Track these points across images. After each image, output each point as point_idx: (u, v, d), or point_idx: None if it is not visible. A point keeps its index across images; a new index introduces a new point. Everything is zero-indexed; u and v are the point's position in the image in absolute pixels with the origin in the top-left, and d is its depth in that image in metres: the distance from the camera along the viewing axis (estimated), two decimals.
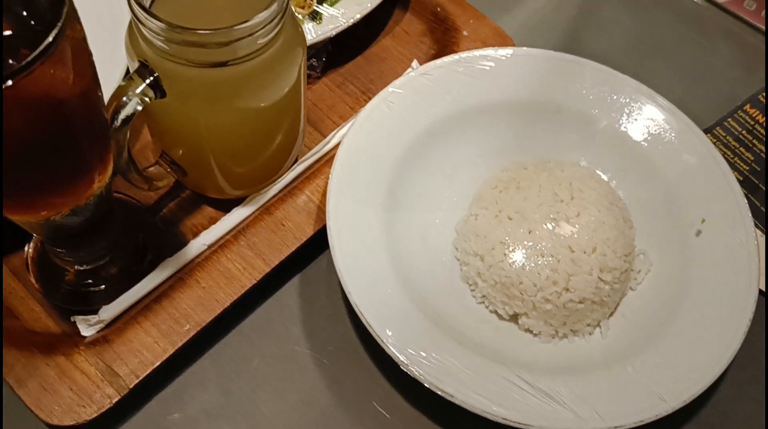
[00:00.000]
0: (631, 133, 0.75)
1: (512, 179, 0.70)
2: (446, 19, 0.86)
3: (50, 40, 0.42)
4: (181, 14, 0.60)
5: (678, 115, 0.75)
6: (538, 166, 0.71)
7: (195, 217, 0.73)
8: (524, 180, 0.69)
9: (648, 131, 0.75)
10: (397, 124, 0.73)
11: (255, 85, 0.61)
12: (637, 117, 0.75)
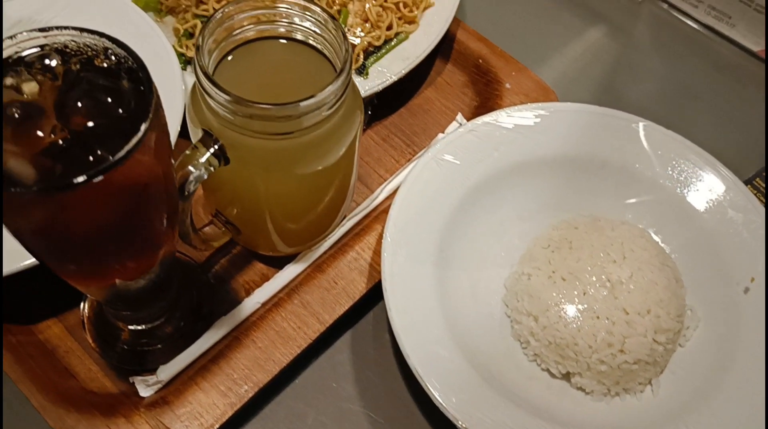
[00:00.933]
0: (675, 188, 0.75)
1: (564, 239, 0.71)
2: (488, 71, 0.87)
3: (142, 133, 0.43)
4: (242, 81, 0.62)
5: (721, 170, 0.76)
6: (589, 225, 0.72)
7: (247, 273, 0.74)
8: (576, 240, 0.70)
9: (692, 186, 0.75)
10: (446, 182, 0.74)
11: (316, 153, 0.62)
12: (680, 171, 0.76)
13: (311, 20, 0.61)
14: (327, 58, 0.63)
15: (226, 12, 0.60)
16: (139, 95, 0.46)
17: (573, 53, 0.95)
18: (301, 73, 0.63)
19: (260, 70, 0.64)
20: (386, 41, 0.82)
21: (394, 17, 0.82)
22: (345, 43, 0.57)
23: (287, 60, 0.64)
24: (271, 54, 0.64)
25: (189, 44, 0.82)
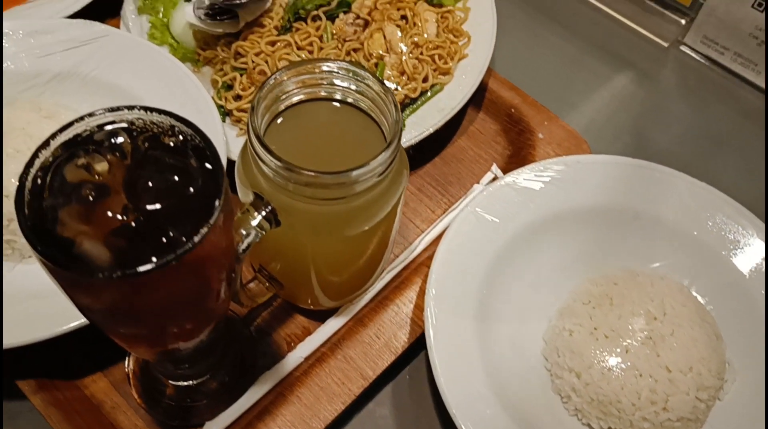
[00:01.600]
0: (708, 240, 0.76)
1: (604, 295, 0.72)
2: (520, 120, 0.88)
3: (216, 216, 0.44)
4: (291, 144, 0.63)
5: (755, 222, 0.77)
6: (628, 280, 0.73)
7: (288, 327, 0.74)
8: (616, 296, 0.71)
9: (726, 237, 0.76)
10: (484, 235, 0.75)
11: (365, 215, 0.62)
12: (714, 224, 0.77)
13: (362, 86, 0.61)
14: (374, 119, 0.64)
15: (278, 78, 0.60)
16: (207, 174, 0.47)
17: (601, 100, 0.96)
18: (350, 135, 0.64)
19: (309, 133, 0.64)
20: (422, 93, 0.84)
21: (430, 69, 0.84)
22: (396, 114, 0.58)
23: (335, 122, 0.65)
24: (320, 116, 0.65)
25: (228, 96, 0.83)
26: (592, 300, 0.72)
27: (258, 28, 0.84)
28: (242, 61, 0.83)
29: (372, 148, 0.63)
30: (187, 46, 0.88)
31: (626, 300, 0.70)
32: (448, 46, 0.85)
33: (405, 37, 0.84)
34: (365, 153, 0.63)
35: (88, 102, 0.82)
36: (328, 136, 0.65)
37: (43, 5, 0.89)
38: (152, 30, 0.88)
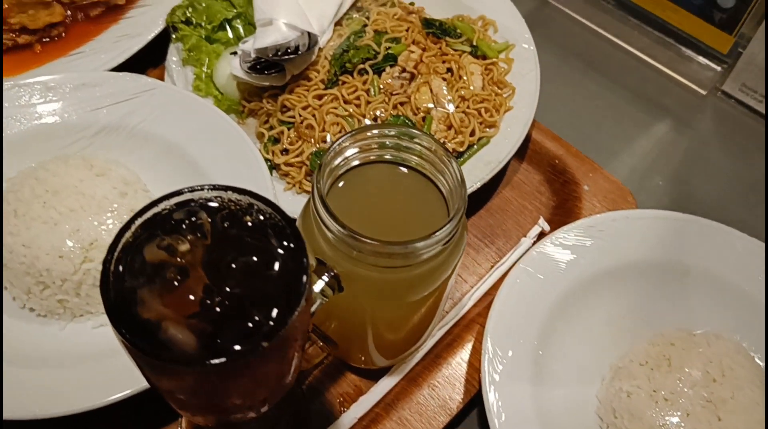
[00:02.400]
0: (761, 296, 0.76)
1: (662, 356, 0.71)
2: (564, 171, 0.88)
3: (304, 298, 0.44)
4: (353, 209, 0.62)
5: None
6: (685, 340, 0.72)
7: (340, 385, 0.74)
8: (675, 357, 0.70)
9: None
10: (536, 293, 0.75)
11: (426, 282, 0.62)
12: (763, 277, 0.76)
13: (425, 152, 0.61)
14: (432, 181, 0.64)
15: (342, 143, 0.60)
16: (289, 253, 0.47)
17: (641, 148, 0.96)
18: (411, 199, 0.64)
19: (370, 197, 0.64)
20: (469, 146, 0.84)
21: (476, 122, 0.84)
22: (462, 189, 0.58)
23: (396, 185, 0.65)
24: (381, 179, 0.64)
25: (275, 150, 0.83)
26: (650, 360, 0.71)
27: (304, 81, 0.85)
28: (289, 115, 0.83)
29: (433, 213, 0.63)
30: (231, 97, 0.88)
31: (684, 361, 0.70)
32: (494, 99, 0.85)
33: (451, 90, 0.84)
34: (427, 218, 0.64)
35: (135, 154, 0.82)
36: (389, 200, 0.65)
37: (87, 56, 0.89)
38: (197, 82, 0.88)
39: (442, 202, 0.64)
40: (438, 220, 0.63)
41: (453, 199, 0.60)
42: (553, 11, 1.09)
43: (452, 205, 0.61)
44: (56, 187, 0.72)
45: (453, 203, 0.60)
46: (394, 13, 0.91)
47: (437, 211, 0.63)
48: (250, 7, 0.93)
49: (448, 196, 0.62)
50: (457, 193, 0.59)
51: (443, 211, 0.63)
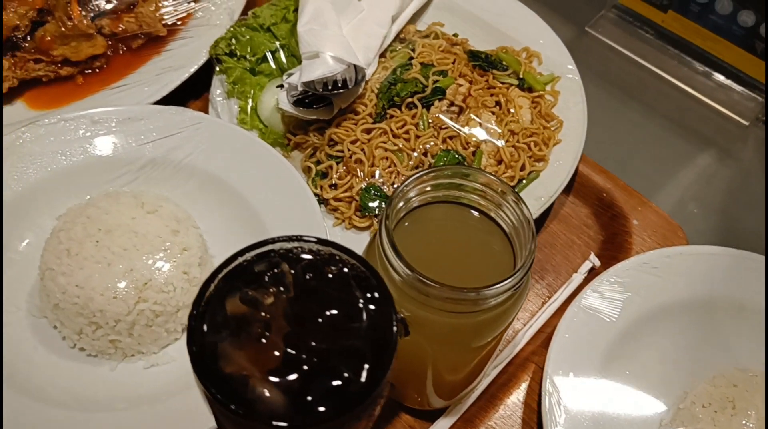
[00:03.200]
0: None
1: (725, 398, 0.70)
2: (612, 204, 0.87)
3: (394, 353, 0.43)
4: (419, 250, 0.61)
5: None
6: (746, 381, 0.71)
7: (394, 425, 0.72)
8: (738, 399, 0.69)
9: None
10: (592, 333, 0.73)
11: (494, 326, 0.61)
12: None
13: (494, 196, 0.60)
14: (495, 221, 0.63)
15: (410, 185, 0.59)
16: (374, 305, 0.46)
17: (686, 180, 0.95)
18: (477, 240, 0.63)
19: (436, 238, 0.63)
20: (519, 181, 0.83)
21: (526, 157, 0.83)
22: (533, 242, 0.57)
23: (461, 225, 0.63)
24: (446, 219, 0.63)
25: (324, 185, 0.82)
26: (713, 403, 0.70)
27: (351, 114, 0.84)
28: (337, 149, 0.82)
29: (498, 255, 0.62)
30: (276, 129, 0.87)
31: (749, 404, 0.68)
32: (542, 132, 0.85)
33: (501, 124, 0.83)
34: (492, 260, 0.62)
35: (181, 188, 0.81)
36: (454, 241, 0.63)
37: (131, 89, 0.88)
38: (241, 115, 0.87)
39: (507, 242, 0.63)
40: (503, 262, 0.62)
41: (521, 242, 0.59)
42: (592, 40, 1.08)
43: (520, 248, 0.60)
44: (108, 225, 0.71)
45: (521, 247, 0.59)
46: (439, 45, 0.90)
47: (502, 253, 0.62)
48: (293, 38, 0.92)
49: (512, 238, 0.61)
50: (527, 237, 0.58)
51: (508, 252, 0.62)
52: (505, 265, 0.62)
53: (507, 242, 0.63)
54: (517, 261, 0.61)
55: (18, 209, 0.77)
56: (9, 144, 0.78)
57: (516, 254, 0.62)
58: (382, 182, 0.80)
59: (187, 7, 0.96)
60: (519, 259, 0.60)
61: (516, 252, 0.62)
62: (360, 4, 0.92)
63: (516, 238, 0.60)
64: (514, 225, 0.61)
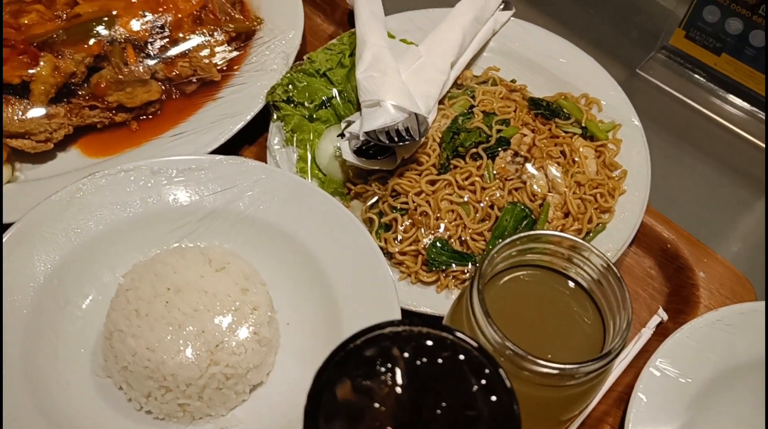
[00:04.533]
0: None
1: None
2: (677, 256, 0.86)
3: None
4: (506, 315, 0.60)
5: None
6: None
7: None
8: None
9: None
10: (667, 395, 0.72)
11: (583, 399, 0.59)
12: None
13: (590, 267, 0.59)
14: (585, 288, 0.62)
15: (500, 250, 0.58)
16: (493, 396, 0.44)
17: (746, 228, 0.94)
18: (567, 309, 0.61)
19: (526, 304, 0.62)
20: (586, 233, 0.81)
21: (592, 209, 0.81)
22: (628, 321, 0.55)
23: (549, 292, 0.62)
24: (537, 285, 0.62)
25: (388, 238, 0.80)
26: None
27: (414, 165, 0.83)
28: (401, 201, 0.81)
29: (588, 326, 0.61)
30: (335, 178, 0.86)
31: None
32: (608, 183, 0.83)
33: (566, 175, 0.82)
34: (582, 331, 0.61)
35: (242, 240, 0.79)
36: (544, 308, 0.62)
37: (188, 136, 0.87)
38: (300, 163, 0.86)
39: (597, 313, 0.61)
40: (593, 334, 0.61)
41: (614, 318, 0.58)
42: (642, 82, 1.07)
43: (612, 323, 0.58)
44: (177, 284, 0.69)
45: (613, 321, 0.58)
46: (498, 92, 0.89)
47: (592, 324, 0.61)
48: (349, 83, 0.91)
49: (604, 311, 0.60)
50: (621, 316, 0.56)
51: (597, 322, 0.61)
52: (594, 337, 0.61)
53: (597, 313, 0.61)
54: (609, 335, 0.59)
55: (80, 264, 0.75)
56: (69, 196, 0.77)
57: (606, 327, 0.60)
58: (449, 236, 0.79)
59: (241, 52, 0.95)
60: (611, 334, 0.59)
61: (606, 324, 0.60)
62: (418, 50, 0.91)
63: (608, 312, 0.59)
64: (608, 300, 0.59)
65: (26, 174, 0.86)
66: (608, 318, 0.60)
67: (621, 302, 0.56)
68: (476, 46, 0.95)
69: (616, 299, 0.57)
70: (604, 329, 0.61)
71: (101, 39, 0.87)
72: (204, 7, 0.93)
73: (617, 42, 1.12)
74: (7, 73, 0.82)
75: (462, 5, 0.96)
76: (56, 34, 0.85)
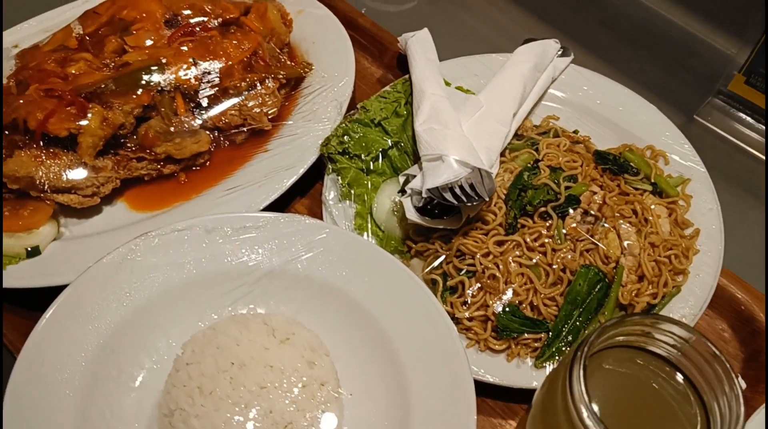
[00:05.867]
0: None
1: None
2: (751, 319, 0.82)
3: None
4: (601, 395, 0.56)
5: None
6: None
7: None
8: None
9: None
10: None
11: None
12: None
13: (701, 363, 0.55)
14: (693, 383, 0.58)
15: (602, 333, 0.54)
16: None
17: None
18: (667, 398, 0.57)
19: (624, 389, 0.58)
20: (661, 297, 0.77)
21: (667, 271, 0.77)
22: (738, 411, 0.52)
23: (651, 376, 0.58)
24: (635, 369, 0.58)
25: (455, 302, 0.76)
26: None
27: (480, 223, 0.79)
28: (468, 262, 0.77)
29: (690, 418, 0.57)
30: (393, 234, 0.82)
31: None
32: (681, 243, 0.79)
33: (640, 236, 0.78)
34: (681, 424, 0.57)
35: (299, 300, 0.75)
36: (642, 394, 0.58)
37: (241, 191, 0.83)
38: (358, 220, 0.82)
39: (697, 400, 0.57)
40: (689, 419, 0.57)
41: (721, 415, 0.54)
42: (700, 128, 1.04)
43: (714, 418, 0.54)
44: (241, 358, 0.65)
45: (717, 417, 0.54)
46: (562, 144, 0.85)
47: (693, 416, 0.57)
48: (404, 133, 0.88)
49: (709, 408, 0.56)
50: (732, 417, 0.52)
51: (701, 415, 0.57)
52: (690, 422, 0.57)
53: (697, 399, 0.57)
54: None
55: (132, 331, 0.71)
56: (121, 258, 0.73)
57: (709, 412, 0.57)
58: (519, 301, 0.75)
59: (291, 100, 0.92)
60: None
61: (711, 419, 0.56)
62: (478, 99, 0.87)
63: (715, 408, 0.55)
64: (715, 396, 0.55)
65: (72, 230, 0.82)
66: (711, 406, 0.56)
67: (732, 407, 0.53)
68: (536, 95, 0.92)
69: (726, 404, 0.54)
70: (707, 414, 0.57)
71: (150, 88, 0.83)
72: (254, 53, 0.89)
73: (671, 86, 1.09)
74: (54, 125, 0.79)
75: (521, 52, 0.93)
76: (104, 84, 0.81)
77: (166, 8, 0.89)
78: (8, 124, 0.80)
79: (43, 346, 0.68)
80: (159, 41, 0.87)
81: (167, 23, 0.89)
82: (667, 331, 0.56)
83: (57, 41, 0.88)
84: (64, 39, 0.88)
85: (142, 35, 0.86)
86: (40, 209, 0.80)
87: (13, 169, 0.78)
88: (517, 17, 1.18)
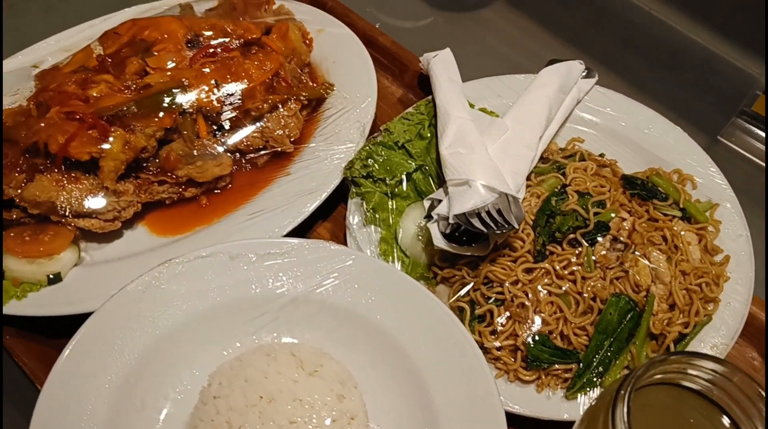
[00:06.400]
0: None
1: None
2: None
3: None
4: None
5: None
6: None
7: None
8: None
9: None
10: None
11: None
12: None
13: (744, 402, 0.54)
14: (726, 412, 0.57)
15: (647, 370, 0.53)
16: None
17: None
18: None
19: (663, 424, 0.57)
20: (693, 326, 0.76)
21: (698, 299, 0.76)
22: None
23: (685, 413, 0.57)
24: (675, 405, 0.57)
25: (483, 331, 0.75)
26: None
27: (508, 250, 0.78)
28: (496, 290, 0.76)
29: None
30: (418, 259, 0.81)
31: None
32: (711, 270, 0.78)
33: (670, 264, 0.77)
34: None
35: (324, 328, 0.74)
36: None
37: (264, 216, 0.82)
38: (383, 245, 0.81)
39: None
40: None
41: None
42: (724, 150, 1.03)
43: None
44: (270, 392, 0.64)
45: None
46: (589, 168, 0.84)
47: None
48: (428, 156, 0.87)
49: None
50: None
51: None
52: None
53: None
54: None
55: (156, 360, 0.70)
56: (145, 286, 0.72)
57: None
58: (549, 331, 0.74)
59: (315, 122, 0.90)
60: None
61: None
62: (504, 122, 0.86)
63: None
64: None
65: (92, 255, 0.81)
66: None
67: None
68: (562, 117, 0.91)
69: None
70: None
71: (172, 111, 0.82)
72: (276, 74, 0.88)
73: (694, 106, 1.07)
74: (76, 149, 0.78)
75: (545, 74, 0.91)
76: (126, 106, 0.80)
77: (187, 29, 0.88)
78: (29, 147, 0.79)
79: (67, 379, 0.67)
80: (180, 62, 0.85)
81: (188, 44, 0.88)
82: (709, 369, 0.55)
83: (77, 62, 0.87)
84: (84, 60, 0.87)
85: (164, 56, 0.85)
86: (60, 234, 0.78)
87: (34, 194, 0.77)
88: (535, 34, 1.17)
